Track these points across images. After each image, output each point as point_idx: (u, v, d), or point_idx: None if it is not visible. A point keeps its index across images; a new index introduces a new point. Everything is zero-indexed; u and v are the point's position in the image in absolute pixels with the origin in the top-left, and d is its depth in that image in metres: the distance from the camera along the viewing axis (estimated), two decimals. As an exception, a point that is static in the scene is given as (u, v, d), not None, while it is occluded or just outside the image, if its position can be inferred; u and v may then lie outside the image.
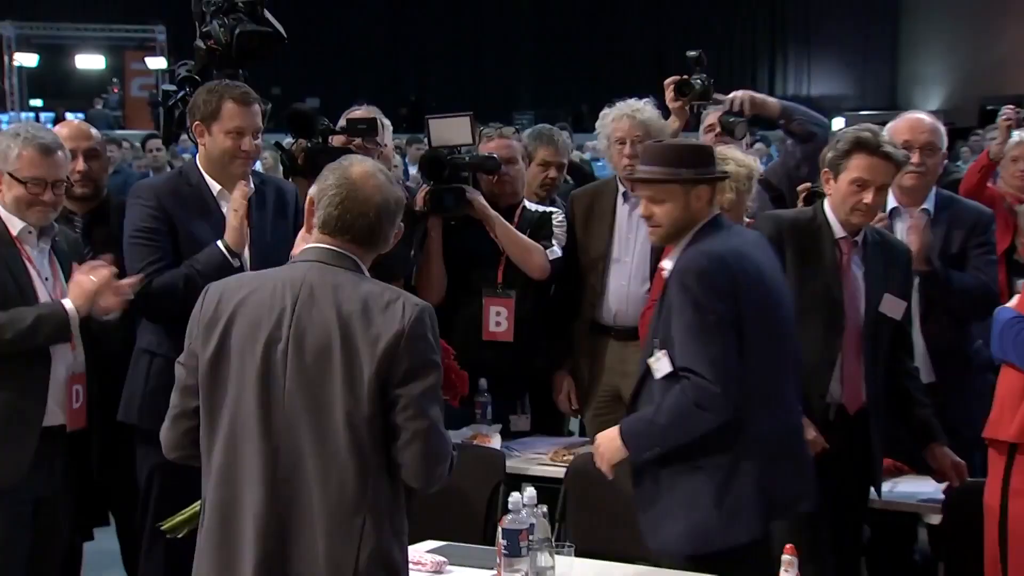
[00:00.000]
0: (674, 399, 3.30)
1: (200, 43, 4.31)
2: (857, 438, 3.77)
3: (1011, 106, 5.92)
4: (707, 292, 3.29)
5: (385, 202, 2.74)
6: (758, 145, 14.65)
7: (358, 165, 2.77)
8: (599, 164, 14.22)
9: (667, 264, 3.49)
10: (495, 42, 25.92)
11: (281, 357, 2.65)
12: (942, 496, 3.82)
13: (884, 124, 4.06)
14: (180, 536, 3.10)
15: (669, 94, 4.88)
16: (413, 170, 9.30)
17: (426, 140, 4.81)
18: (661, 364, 3.36)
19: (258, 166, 5.66)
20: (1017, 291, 4.96)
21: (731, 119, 4.73)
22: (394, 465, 2.66)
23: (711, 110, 4.88)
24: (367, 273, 2.78)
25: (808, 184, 4.35)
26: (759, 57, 28.18)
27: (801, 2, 27.45)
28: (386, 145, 4.83)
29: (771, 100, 4.80)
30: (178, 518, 3.12)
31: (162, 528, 3.17)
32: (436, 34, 25.83)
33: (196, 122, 3.94)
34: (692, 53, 4.89)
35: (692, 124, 5.04)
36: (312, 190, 2.79)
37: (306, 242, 2.82)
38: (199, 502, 2.81)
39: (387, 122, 4.80)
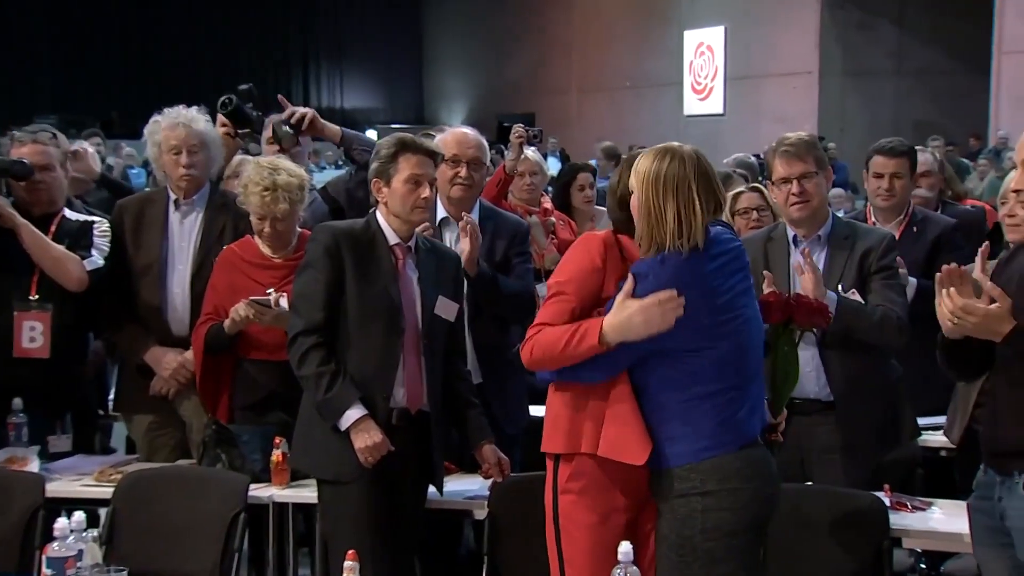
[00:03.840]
0: None
1: None
2: (419, 439, 3.77)
3: (521, 124, 6.11)
4: None
5: None
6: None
7: None
8: (134, 172, 13.58)
9: None
10: (9, 41, 23.87)
11: None
12: (487, 492, 3.88)
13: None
14: None
15: (220, 118, 4.73)
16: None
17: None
18: None
19: None
20: (539, 295, 5.21)
21: (284, 128, 4.63)
22: None
23: (273, 118, 4.74)
24: None
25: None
26: (293, 71, 28.21)
27: (331, 19, 27.80)
28: None
29: (332, 126, 4.75)
30: None
31: None
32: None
33: None
34: (243, 87, 4.79)
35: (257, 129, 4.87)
36: None
37: None
38: None
39: None
